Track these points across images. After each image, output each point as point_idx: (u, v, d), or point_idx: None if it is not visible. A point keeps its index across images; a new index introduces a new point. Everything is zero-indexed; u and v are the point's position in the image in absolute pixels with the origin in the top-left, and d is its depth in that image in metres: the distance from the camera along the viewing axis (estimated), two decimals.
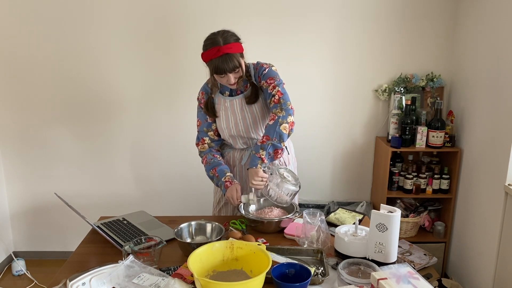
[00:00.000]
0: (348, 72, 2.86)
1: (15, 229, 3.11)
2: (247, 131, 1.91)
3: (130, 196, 3.05)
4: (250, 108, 1.89)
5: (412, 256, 2.56)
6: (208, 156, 1.96)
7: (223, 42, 1.71)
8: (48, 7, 2.72)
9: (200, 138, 1.98)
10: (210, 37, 1.75)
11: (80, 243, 1.68)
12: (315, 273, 1.39)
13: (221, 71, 1.72)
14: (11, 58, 2.81)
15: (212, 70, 1.75)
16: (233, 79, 1.77)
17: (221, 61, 1.71)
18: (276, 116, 1.77)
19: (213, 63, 1.72)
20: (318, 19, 2.77)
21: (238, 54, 1.75)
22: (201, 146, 1.99)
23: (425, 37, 2.80)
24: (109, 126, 2.93)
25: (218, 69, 1.72)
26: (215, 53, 1.70)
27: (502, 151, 2.25)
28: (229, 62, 1.71)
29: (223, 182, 1.87)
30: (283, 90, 1.82)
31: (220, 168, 1.90)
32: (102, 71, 2.84)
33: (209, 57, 1.73)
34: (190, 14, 2.74)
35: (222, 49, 1.70)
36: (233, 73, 1.75)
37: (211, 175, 1.92)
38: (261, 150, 1.76)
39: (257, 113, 1.90)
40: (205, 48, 1.74)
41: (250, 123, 1.90)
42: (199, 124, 1.98)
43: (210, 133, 1.97)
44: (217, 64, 1.71)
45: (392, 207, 1.44)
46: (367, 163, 3.02)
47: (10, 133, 2.93)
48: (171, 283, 1.25)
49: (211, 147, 1.99)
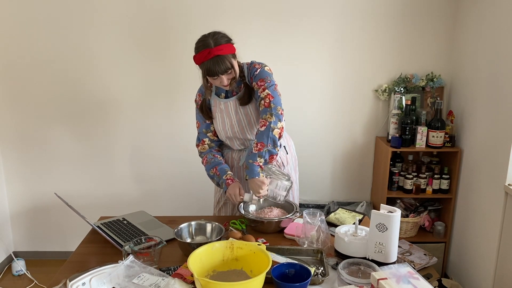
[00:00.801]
0: (348, 72, 2.86)
1: (15, 229, 3.11)
2: (242, 132, 1.91)
3: (130, 196, 3.05)
4: (245, 109, 1.88)
5: (412, 256, 2.56)
6: (208, 156, 1.96)
7: (214, 44, 1.69)
8: (48, 9, 2.72)
9: (200, 139, 1.98)
10: (201, 40, 1.73)
11: (80, 243, 1.68)
12: (315, 273, 1.39)
13: (213, 73, 1.71)
14: (11, 59, 2.81)
15: (204, 72, 1.74)
16: (226, 80, 1.75)
17: (212, 63, 1.69)
18: (267, 122, 1.75)
19: (204, 66, 1.71)
20: (318, 19, 2.77)
21: (230, 55, 1.73)
22: (201, 147, 1.99)
23: (425, 37, 2.80)
24: (109, 126, 2.93)
25: (210, 71, 1.71)
26: (206, 56, 1.69)
27: (502, 151, 2.25)
28: (221, 64, 1.69)
29: (224, 180, 1.85)
30: (274, 93, 1.78)
31: (221, 166, 1.90)
32: (101, 72, 2.84)
33: (200, 59, 1.71)
34: (190, 14, 2.74)
35: (213, 51, 1.68)
36: (226, 75, 1.74)
37: (212, 174, 1.92)
38: (259, 158, 1.75)
39: (252, 113, 1.88)
40: (197, 51, 1.73)
41: (245, 125, 1.90)
42: (198, 125, 1.98)
43: (209, 134, 1.97)
44: (209, 66, 1.70)
45: (392, 207, 1.44)
46: (367, 163, 3.02)
47: (10, 133, 2.93)
48: (171, 283, 1.25)
49: (211, 147, 1.99)
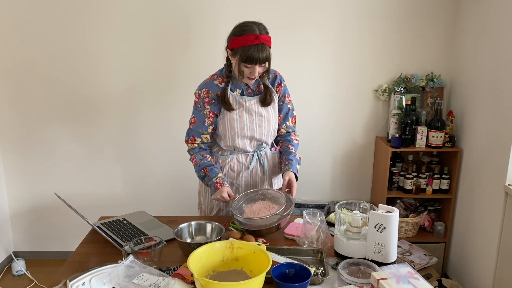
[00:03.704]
0: (348, 72, 2.86)
1: (15, 229, 3.11)
2: (260, 132, 1.87)
3: (130, 196, 3.05)
4: (265, 110, 1.87)
5: (412, 256, 2.56)
6: (197, 156, 1.88)
7: (260, 32, 1.66)
8: (48, 9, 2.72)
9: (191, 136, 1.89)
10: (246, 24, 1.69)
11: (80, 243, 1.68)
12: (315, 273, 1.39)
13: (253, 60, 1.66)
14: (11, 59, 2.81)
15: (243, 57, 1.67)
16: (258, 72, 1.73)
17: (257, 49, 1.65)
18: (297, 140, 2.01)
19: (246, 50, 1.65)
20: (318, 19, 2.77)
21: (270, 48, 1.72)
22: (191, 144, 1.91)
23: (425, 37, 2.80)
24: (110, 126, 2.93)
25: (251, 57, 1.66)
26: (252, 40, 1.64)
27: (502, 151, 2.25)
28: (263, 52, 1.67)
29: (214, 182, 1.80)
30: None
31: (211, 168, 1.84)
32: (102, 72, 2.84)
33: (243, 43, 1.65)
34: (188, 14, 2.74)
35: (260, 37, 1.64)
36: (261, 66, 1.72)
37: (202, 175, 1.86)
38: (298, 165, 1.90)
39: (272, 115, 1.89)
40: (240, 34, 1.66)
41: (265, 125, 1.87)
42: (194, 122, 1.87)
43: (203, 136, 1.88)
44: (252, 52, 1.65)
45: (391, 207, 1.44)
46: (367, 163, 3.02)
47: (10, 133, 2.93)
48: (171, 283, 1.25)
49: (201, 147, 1.92)
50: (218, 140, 1.95)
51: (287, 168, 1.84)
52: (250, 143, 1.90)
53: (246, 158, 1.92)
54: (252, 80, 1.78)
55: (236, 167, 1.93)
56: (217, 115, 1.87)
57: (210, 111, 1.85)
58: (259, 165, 1.94)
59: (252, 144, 1.90)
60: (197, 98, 1.87)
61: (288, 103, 1.96)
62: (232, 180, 1.94)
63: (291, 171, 1.83)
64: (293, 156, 1.91)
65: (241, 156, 1.92)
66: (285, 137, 2.00)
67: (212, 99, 1.84)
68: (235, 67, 1.75)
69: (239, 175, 1.93)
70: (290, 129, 2.00)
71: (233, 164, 1.92)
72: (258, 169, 1.94)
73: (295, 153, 1.94)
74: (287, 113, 1.97)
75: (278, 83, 1.90)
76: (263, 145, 1.93)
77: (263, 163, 1.94)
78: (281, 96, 1.94)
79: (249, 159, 1.92)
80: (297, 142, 1.99)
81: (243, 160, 1.92)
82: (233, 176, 1.94)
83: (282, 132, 2.01)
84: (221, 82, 1.84)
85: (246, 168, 1.92)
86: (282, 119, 1.97)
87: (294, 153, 1.93)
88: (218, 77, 1.85)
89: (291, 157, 1.90)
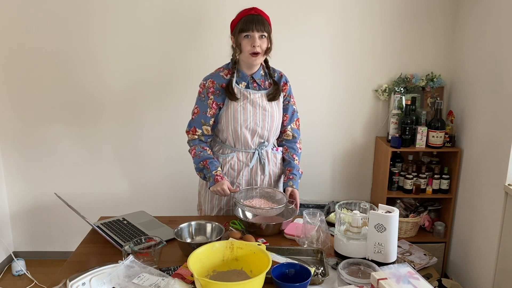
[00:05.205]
0: (348, 72, 2.86)
1: (15, 229, 3.11)
2: (263, 126, 1.87)
3: (130, 196, 3.05)
4: (271, 105, 1.88)
5: (412, 256, 2.56)
6: (197, 148, 1.89)
7: (258, 11, 1.78)
8: (48, 10, 2.72)
9: (192, 126, 1.90)
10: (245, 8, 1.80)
11: (80, 243, 1.68)
12: (315, 273, 1.39)
13: (251, 24, 1.72)
14: (11, 59, 2.81)
15: (241, 26, 1.74)
16: (258, 47, 1.74)
17: (252, 17, 1.73)
18: (301, 149, 2.03)
19: (243, 19, 1.74)
20: (318, 19, 2.77)
21: (269, 26, 1.78)
22: (191, 135, 1.91)
23: (425, 37, 2.80)
24: (110, 126, 2.93)
25: (247, 24, 1.72)
26: (248, 10, 1.75)
27: (502, 151, 2.25)
28: (261, 22, 1.74)
29: (213, 175, 1.80)
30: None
31: (211, 161, 1.85)
32: (102, 72, 2.84)
33: (239, 16, 1.76)
34: (187, 13, 2.74)
35: (257, 10, 1.77)
36: (260, 39, 1.75)
37: (201, 167, 1.86)
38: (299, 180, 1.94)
39: (276, 111, 1.90)
40: (239, 12, 1.78)
41: (269, 120, 1.88)
42: (197, 112, 1.88)
43: (205, 127, 1.88)
44: (248, 18, 1.73)
45: (391, 207, 1.44)
46: (367, 163, 3.02)
47: (10, 133, 2.93)
48: (171, 283, 1.25)
49: (201, 140, 1.92)
50: (220, 135, 1.94)
51: (291, 183, 1.89)
52: (252, 138, 1.89)
53: (246, 156, 1.92)
54: (256, 57, 1.77)
55: (236, 165, 1.93)
56: (220, 108, 1.88)
57: (213, 101, 1.86)
58: (259, 164, 1.94)
59: (254, 140, 1.90)
60: (201, 88, 1.88)
61: (293, 104, 1.99)
62: (233, 179, 1.94)
63: (294, 188, 1.89)
64: (297, 170, 1.95)
65: (241, 154, 1.92)
66: (290, 143, 2.02)
67: (217, 89, 1.85)
68: (238, 48, 1.79)
69: (240, 174, 1.93)
70: (296, 134, 2.02)
71: (233, 162, 1.93)
72: (258, 168, 1.95)
73: (298, 166, 1.98)
74: (293, 114, 1.99)
75: (284, 82, 1.94)
76: (264, 143, 1.92)
77: (264, 162, 1.94)
78: (287, 95, 1.96)
79: (249, 157, 1.92)
80: (300, 151, 2.03)
81: (244, 158, 1.92)
82: (233, 175, 1.94)
83: (288, 136, 2.02)
84: (226, 74, 1.87)
85: (246, 165, 1.93)
86: (288, 119, 1.99)
87: (298, 166, 1.97)
88: (224, 70, 1.89)
89: (295, 171, 1.94)
